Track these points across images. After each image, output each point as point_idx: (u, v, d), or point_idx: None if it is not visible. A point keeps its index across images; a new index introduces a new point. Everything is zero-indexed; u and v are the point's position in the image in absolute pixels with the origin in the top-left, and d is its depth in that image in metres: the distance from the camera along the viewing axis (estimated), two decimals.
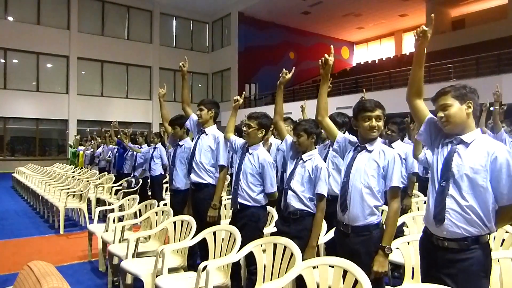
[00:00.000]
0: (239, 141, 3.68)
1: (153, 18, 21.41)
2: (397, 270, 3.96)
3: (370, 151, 2.55)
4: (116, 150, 8.79)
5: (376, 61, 23.66)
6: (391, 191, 2.48)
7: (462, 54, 14.15)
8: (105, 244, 4.38)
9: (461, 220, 1.95)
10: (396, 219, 2.47)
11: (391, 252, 2.45)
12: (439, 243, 2.02)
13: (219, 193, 3.88)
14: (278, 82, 3.38)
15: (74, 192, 7.13)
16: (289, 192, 3.06)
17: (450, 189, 1.99)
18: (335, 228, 2.75)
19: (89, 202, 7.24)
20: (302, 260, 2.52)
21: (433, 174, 2.12)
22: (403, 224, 3.72)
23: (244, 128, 3.48)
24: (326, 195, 2.98)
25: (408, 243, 2.85)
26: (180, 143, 4.57)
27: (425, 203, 4.41)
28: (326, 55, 2.67)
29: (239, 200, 3.39)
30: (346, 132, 4.00)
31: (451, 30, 20.11)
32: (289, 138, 3.30)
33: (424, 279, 2.14)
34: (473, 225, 1.94)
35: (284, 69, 3.39)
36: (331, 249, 2.95)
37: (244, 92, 4.61)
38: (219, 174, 3.95)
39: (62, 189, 7.27)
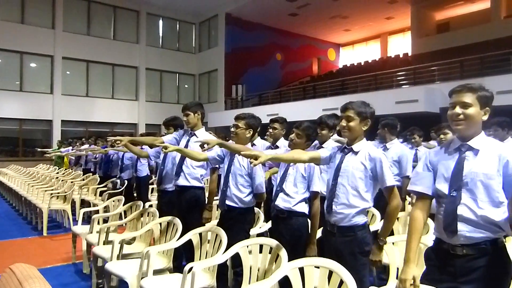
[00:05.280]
0: None
1: (140, 18, 21.23)
2: (383, 272, 3.99)
3: (356, 153, 2.58)
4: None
5: (362, 63, 23.80)
6: (387, 190, 2.51)
7: (447, 56, 14.34)
8: (89, 246, 4.33)
9: (477, 226, 1.89)
10: (395, 215, 2.51)
11: (385, 244, 2.52)
12: (457, 250, 1.93)
13: (213, 195, 3.89)
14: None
15: (58, 193, 7.04)
16: (280, 194, 3.10)
17: (464, 198, 1.91)
18: (322, 227, 2.78)
19: (73, 203, 7.14)
20: (305, 257, 2.58)
21: (437, 183, 2.04)
22: None
23: (232, 129, 3.49)
24: (319, 192, 3.04)
25: (393, 243, 2.88)
26: None
27: (410, 204, 4.50)
28: None
29: (227, 202, 3.40)
30: (335, 134, 4.05)
31: (436, 33, 20.34)
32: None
33: None
34: (489, 230, 1.88)
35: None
36: (318, 248, 2.98)
37: None
38: (210, 176, 3.95)
39: (45, 190, 7.17)
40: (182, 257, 4.01)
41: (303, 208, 3.07)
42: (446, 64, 13.60)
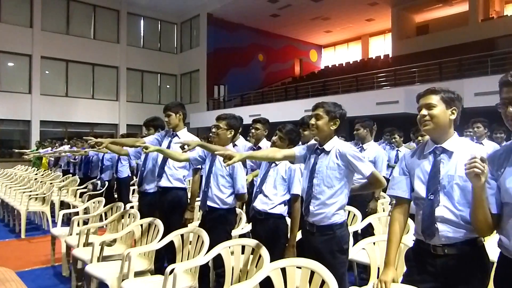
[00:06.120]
0: None
1: (120, 17, 21.00)
2: (365, 272, 4.03)
3: (328, 152, 2.61)
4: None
5: (344, 65, 24.03)
6: (369, 179, 2.56)
7: (426, 58, 14.57)
8: (69, 248, 4.26)
9: (458, 226, 1.90)
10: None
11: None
12: (438, 250, 1.95)
13: (195, 196, 3.87)
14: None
15: (37, 194, 6.91)
16: (259, 195, 3.11)
17: (442, 201, 1.94)
18: (302, 228, 2.80)
19: (52, 205, 7.02)
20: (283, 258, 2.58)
21: (415, 187, 2.06)
22: (369, 225, 3.81)
23: (213, 130, 3.48)
24: (300, 195, 3.06)
25: (374, 243, 2.92)
26: None
27: (390, 204, 4.56)
28: None
29: (208, 203, 3.39)
30: None
31: (416, 35, 20.66)
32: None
33: None
34: (469, 230, 1.89)
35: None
36: (299, 248, 3.01)
37: None
38: (193, 176, 3.94)
39: (23, 192, 7.02)
40: (164, 258, 3.98)
41: (281, 210, 3.10)
42: (426, 66, 13.84)
